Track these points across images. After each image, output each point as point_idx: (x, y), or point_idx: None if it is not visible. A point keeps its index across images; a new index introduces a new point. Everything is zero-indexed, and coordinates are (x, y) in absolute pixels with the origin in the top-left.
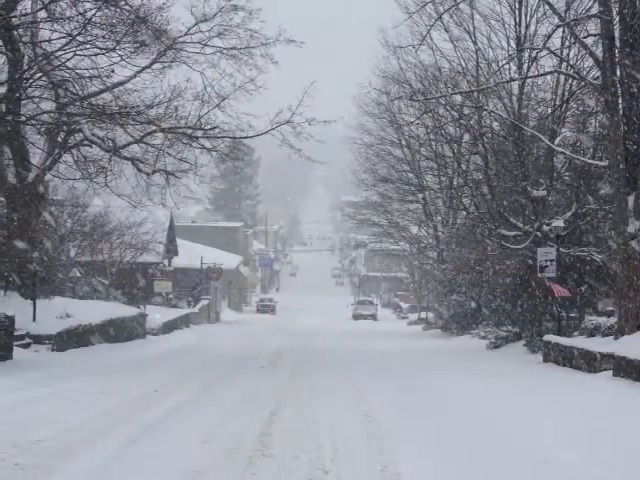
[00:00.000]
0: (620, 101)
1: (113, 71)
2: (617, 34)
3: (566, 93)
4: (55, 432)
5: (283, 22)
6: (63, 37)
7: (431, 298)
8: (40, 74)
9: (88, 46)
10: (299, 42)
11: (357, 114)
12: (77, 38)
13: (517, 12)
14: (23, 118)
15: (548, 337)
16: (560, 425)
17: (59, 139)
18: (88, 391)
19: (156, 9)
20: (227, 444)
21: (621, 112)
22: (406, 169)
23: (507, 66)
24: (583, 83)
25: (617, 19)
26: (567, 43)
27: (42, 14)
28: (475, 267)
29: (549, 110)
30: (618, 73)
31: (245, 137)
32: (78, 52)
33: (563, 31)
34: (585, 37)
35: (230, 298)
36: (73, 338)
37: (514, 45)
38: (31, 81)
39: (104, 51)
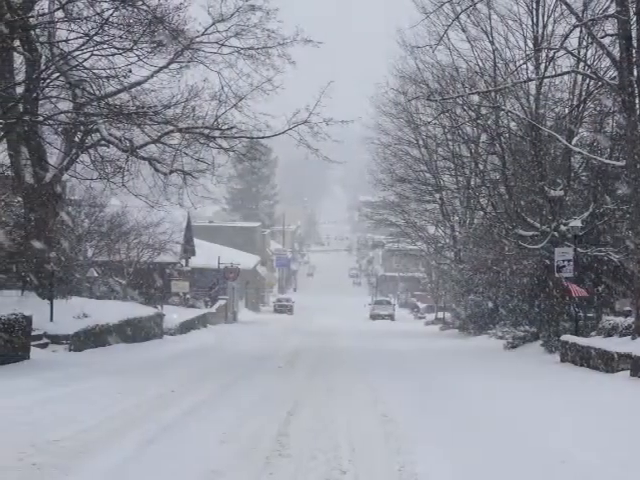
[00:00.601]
0: (637, 101)
1: (130, 71)
2: (634, 34)
3: (583, 93)
4: (73, 432)
5: (299, 22)
6: (80, 37)
7: (448, 298)
8: (57, 74)
9: (105, 46)
10: (316, 42)
11: (374, 114)
12: (94, 38)
13: (534, 12)
14: (40, 118)
15: (565, 337)
16: (578, 425)
17: (76, 139)
18: (105, 391)
19: (173, 9)
20: (244, 444)
21: (638, 112)
22: (423, 169)
23: (524, 66)
24: (600, 83)
25: (634, 19)
26: (584, 43)
27: (59, 14)
28: (492, 267)
29: (566, 110)
30: (635, 73)
31: (262, 137)
32: (95, 52)
33: (580, 31)
34: (602, 37)
35: (247, 298)
36: (90, 338)
37: (531, 45)
38: (48, 81)
39: (121, 51)
